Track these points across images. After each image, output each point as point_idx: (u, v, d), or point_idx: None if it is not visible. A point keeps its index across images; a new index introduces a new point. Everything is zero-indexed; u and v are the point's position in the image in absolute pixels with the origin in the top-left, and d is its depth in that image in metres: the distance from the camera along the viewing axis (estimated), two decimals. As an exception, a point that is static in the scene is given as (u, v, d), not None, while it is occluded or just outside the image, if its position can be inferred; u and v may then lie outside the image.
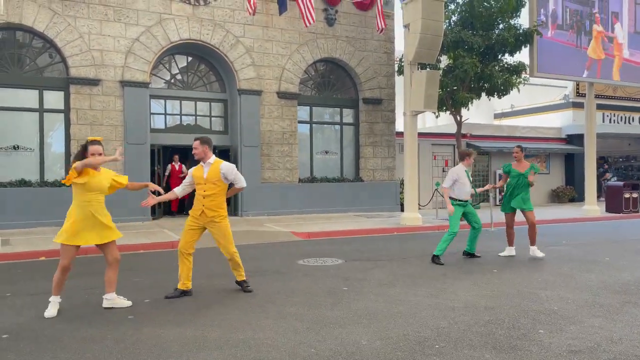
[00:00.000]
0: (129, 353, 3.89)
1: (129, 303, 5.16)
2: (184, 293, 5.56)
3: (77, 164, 4.77)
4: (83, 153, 4.96)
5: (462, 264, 7.49)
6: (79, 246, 4.97)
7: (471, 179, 7.92)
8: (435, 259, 7.48)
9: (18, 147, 11.82)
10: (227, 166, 5.65)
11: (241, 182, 5.78)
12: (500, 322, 4.58)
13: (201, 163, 5.66)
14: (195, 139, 5.65)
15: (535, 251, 8.01)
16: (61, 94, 12.19)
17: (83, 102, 12.15)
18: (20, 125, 11.84)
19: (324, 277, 6.56)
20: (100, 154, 4.93)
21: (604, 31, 15.78)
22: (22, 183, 11.60)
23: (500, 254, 8.13)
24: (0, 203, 11.10)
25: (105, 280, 5.13)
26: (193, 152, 5.64)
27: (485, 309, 5.02)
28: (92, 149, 4.92)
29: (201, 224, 5.62)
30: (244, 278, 5.88)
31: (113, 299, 5.12)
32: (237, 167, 15.32)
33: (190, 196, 6.04)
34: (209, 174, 5.58)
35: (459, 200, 7.69)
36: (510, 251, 8.12)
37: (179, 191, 5.74)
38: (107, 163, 5.08)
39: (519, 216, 8.23)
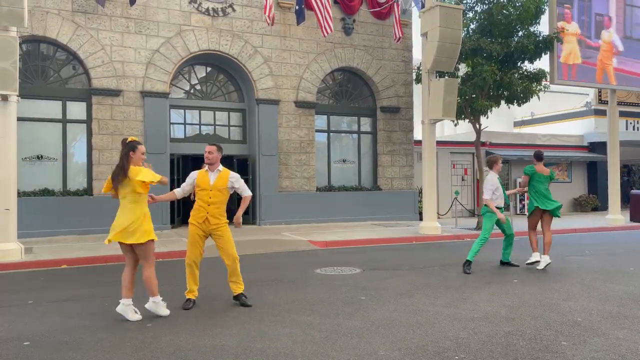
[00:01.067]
0: (147, 361, 3.91)
1: (138, 317, 5.03)
2: (194, 302, 5.59)
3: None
4: (129, 153, 5.00)
5: (483, 274, 7.38)
6: (129, 245, 5.02)
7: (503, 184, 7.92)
8: (466, 266, 7.37)
9: (42, 157, 12.07)
10: (235, 175, 5.73)
11: (246, 191, 5.77)
12: (521, 333, 4.49)
13: (206, 169, 5.64)
14: (212, 144, 5.69)
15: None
16: (84, 104, 12.44)
17: (105, 112, 12.37)
18: (44, 136, 12.10)
19: (341, 287, 6.53)
20: (142, 153, 5.14)
21: (584, 38, 14.69)
22: (46, 192, 11.83)
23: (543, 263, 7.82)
24: (25, 212, 11.29)
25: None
26: (207, 156, 5.60)
27: (505, 319, 4.93)
28: (141, 148, 5.11)
29: (206, 232, 5.58)
30: (242, 290, 5.67)
31: (125, 305, 5.03)
32: (255, 176, 15.17)
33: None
34: (216, 181, 5.59)
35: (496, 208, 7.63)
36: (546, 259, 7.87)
37: (179, 193, 5.69)
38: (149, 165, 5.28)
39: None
